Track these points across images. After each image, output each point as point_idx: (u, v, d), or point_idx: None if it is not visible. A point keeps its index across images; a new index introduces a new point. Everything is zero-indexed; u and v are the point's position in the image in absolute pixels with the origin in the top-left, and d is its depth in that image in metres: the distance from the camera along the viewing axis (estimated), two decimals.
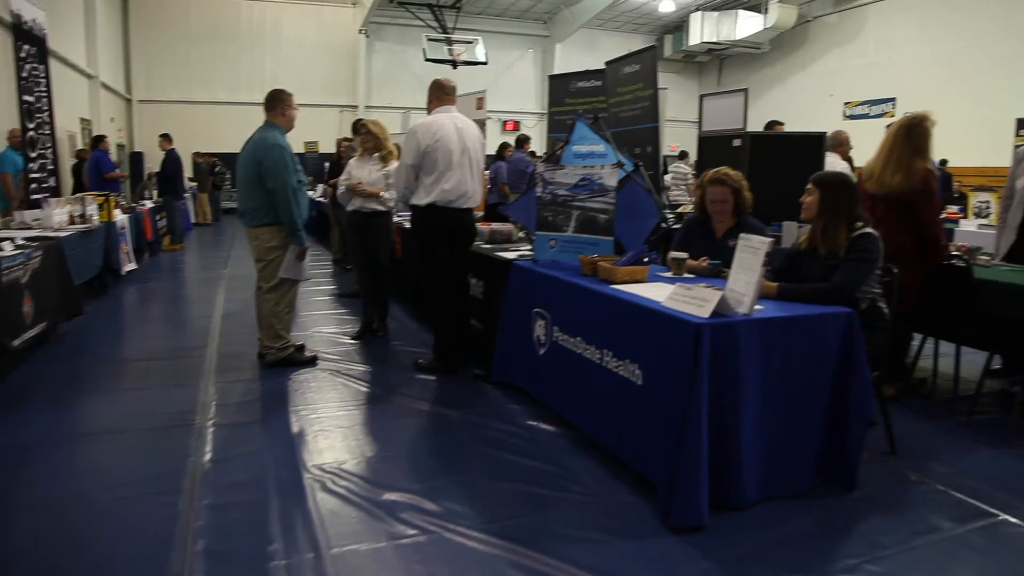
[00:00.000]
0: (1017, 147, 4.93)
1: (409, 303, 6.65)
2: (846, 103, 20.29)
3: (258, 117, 4.75)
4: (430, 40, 18.48)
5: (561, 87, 6.21)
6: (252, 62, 19.93)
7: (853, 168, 8.57)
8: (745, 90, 5.94)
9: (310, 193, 14.17)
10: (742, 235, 2.92)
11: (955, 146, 16.32)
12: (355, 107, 20.88)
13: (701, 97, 6.33)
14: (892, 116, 18.98)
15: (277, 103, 4.62)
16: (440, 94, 4.47)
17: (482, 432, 3.68)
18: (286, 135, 4.63)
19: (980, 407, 4.20)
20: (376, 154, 5.31)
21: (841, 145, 6.23)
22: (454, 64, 18.46)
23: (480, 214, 7.15)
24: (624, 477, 3.12)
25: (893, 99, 19.11)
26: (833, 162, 6.05)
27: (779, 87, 22.51)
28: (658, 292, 3.13)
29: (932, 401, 4.36)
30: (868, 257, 3.20)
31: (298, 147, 18.61)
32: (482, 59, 18.81)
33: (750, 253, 2.85)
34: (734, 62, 24.06)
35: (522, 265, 4.13)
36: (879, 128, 17.31)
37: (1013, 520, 2.86)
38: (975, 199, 8.38)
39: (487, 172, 8.92)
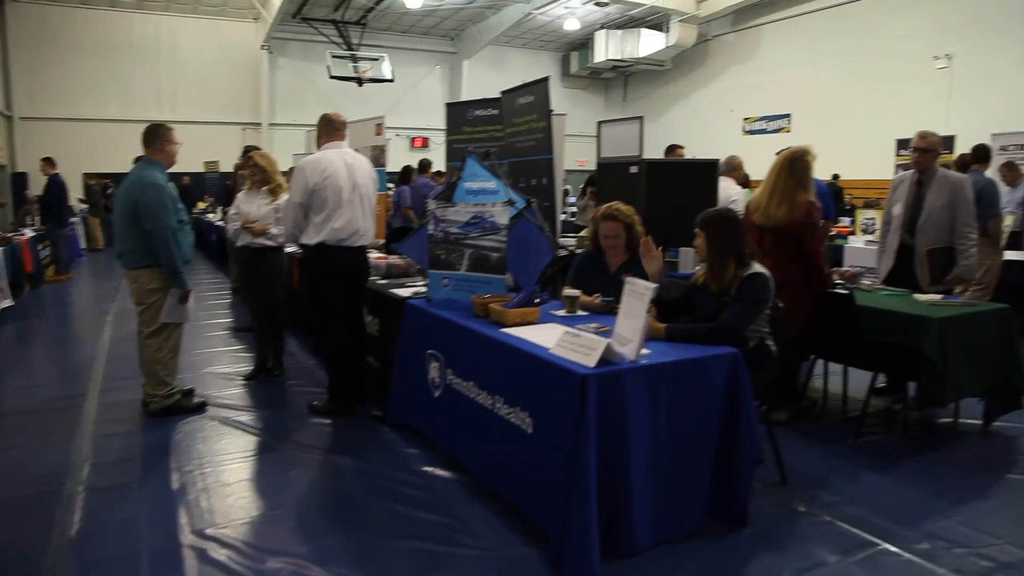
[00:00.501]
0: (899, 171, 5.14)
1: (307, 337, 6.44)
2: (745, 119, 21.05)
3: None
4: (335, 57, 18.20)
5: (459, 115, 6.16)
6: (147, 78, 19.10)
7: (749, 184, 8.87)
8: (640, 118, 6.02)
9: (210, 216, 13.70)
10: (628, 280, 2.92)
11: (846, 160, 17.17)
12: (259, 125, 20.32)
13: (599, 124, 6.38)
14: (788, 131, 19.84)
15: (155, 138, 4.38)
16: (329, 129, 4.34)
17: (376, 482, 3.56)
18: (166, 171, 4.40)
19: (867, 427, 4.34)
20: (265, 187, 5.12)
21: (735, 170, 6.39)
22: (359, 81, 18.24)
23: (380, 241, 7.02)
24: (519, 527, 3.05)
25: (788, 115, 19.93)
26: (727, 186, 6.20)
27: (682, 103, 23.16)
28: (549, 335, 3.09)
29: (822, 424, 4.48)
30: (757, 298, 3.25)
31: (198, 167, 18.11)
32: (388, 76, 18.65)
33: (635, 298, 2.84)
34: (639, 79, 24.63)
35: (415, 304, 4.03)
36: (777, 142, 18.04)
37: (892, 549, 2.94)
38: (862, 216, 8.76)
39: (391, 196, 8.79)
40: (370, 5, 18.91)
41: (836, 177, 15.19)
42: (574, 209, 11.61)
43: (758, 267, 3.32)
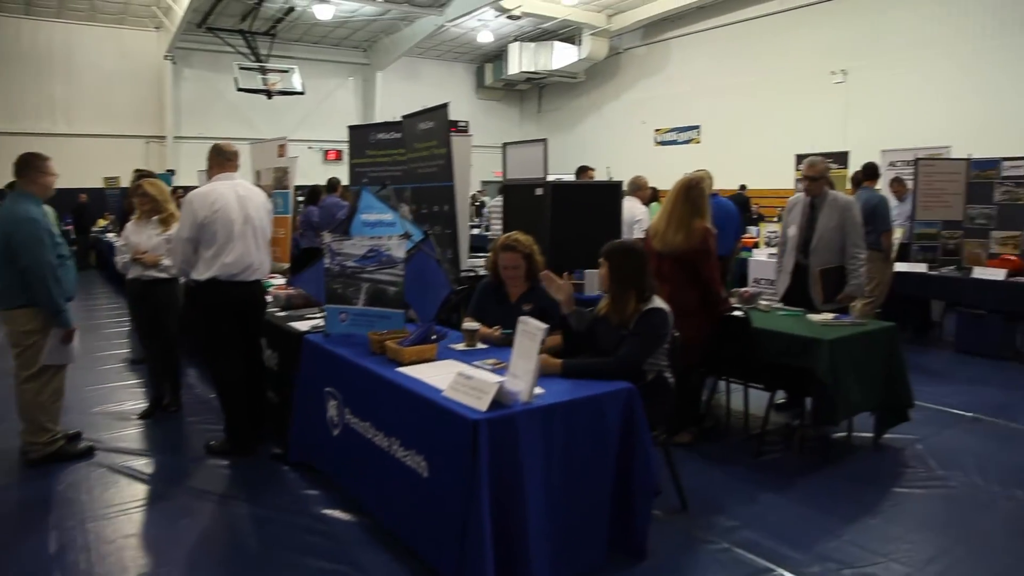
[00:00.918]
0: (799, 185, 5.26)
1: (207, 368, 6.17)
2: (656, 129, 21.54)
3: (47, 147, 4.25)
4: (242, 68, 17.72)
5: (361, 138, 6.05)
6: (39, 88, 18.14)
7: (658, 197, 9.04)
8: (544, 140, 6.05)
9: (110, 236, 13.06)
10: (520, 319, 2.90)
11: (752, 170, 17.78)
12: (163, 138, 19.59)
13: (504, 145, 6.39)
14: (698, 142, 20.40)
15: (29, 169, 4.11)
16: (220, 160, 4.18)
17: (273, 529, 3.43)
18: (43, 203, 4.15)
19: (767, 445, 4.46)
20: (155, 217, 4.89)
21: (639, 190, 6.49)
22: (269, 94, 17.82)
23: (284, 265, 6.83)
24: (419, 571, 2.99)
25: (698, 126, 20.50)
26: (632, 206, 6.29)
27: (595, 114, 23.53)
28: (446, 373, 3.04)
29: (724, 444, 4.58)
30: (655, 332, 3.29)
31: (97, 182, 17.27)
32: (299, 88, 18.28)
33: (528, 338, 2.82)
34: (553, 90, 24.90)
35: (312, 340, 3.91)
36: (688, 153, 18.53)
37: (787, 575, 3.01)
38: (766, 229, 9.04)
39: (299, 216, 8.57)
40: (279, 15, 18.53)
41: (743, 187, 15.69)
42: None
43: (658, 302, 3.36)
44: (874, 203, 6.40)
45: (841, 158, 9.84)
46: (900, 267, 7.29)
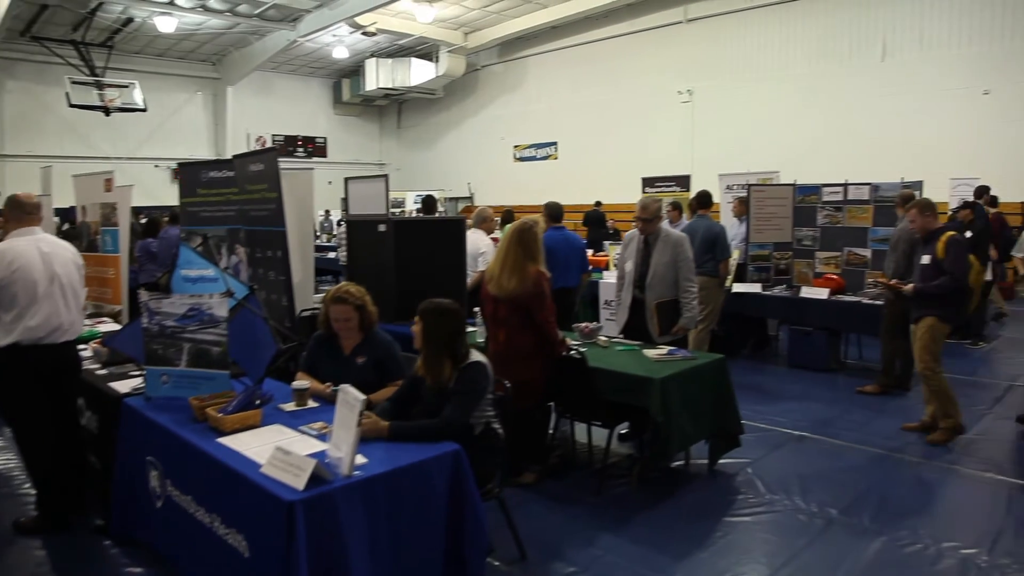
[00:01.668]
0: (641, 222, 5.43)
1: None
2: (515, 146, 21.90)
3: None
4: (75, 83, 16.52)
5: (192, 176, 5.75)
6: None
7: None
8: (386, 176, 5.98)
9: None
10: (341, 388, 2.82)
11: (608, 186, 18.41)
12: None
13: (346, 180, 6.27)
14: (555, 158, 20.89)
15: None
16: (19, 214, 3.83)
17: None
18: None
19: (609, 479, 4.59)
20: None
21: (485, 222, 6.54)
22: (107, 111, 16.70)
23: (118, 307, 6.41)
24: None
25: (555, 143, 21.01)
26: (477, 239, 6.33)
27: (455, 130, 23.64)
28: (270, 441, 2.92)
29: (569, 480, 4.66)
30: (476, 388, 3.29)
31: None
32: (140, 104, 17.25)
33: (347, 408, 2.75)
34: (412, 106, 24.81)
35: (132, 404, 3.66)
36: (546, 169, 18.95)
37: None
38: (615, 251, 9.34)
39: (137, 250, 8.06)
40: (116, 27, 17.41)
41: (599, 204, 16.18)
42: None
43: (476, 356, 3.37)
44: (715, 232, 6.75)
45: (684, 181, 10.36)
46: (738, 287, 7.73)
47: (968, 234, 7.99)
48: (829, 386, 6.86)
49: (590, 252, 12.38)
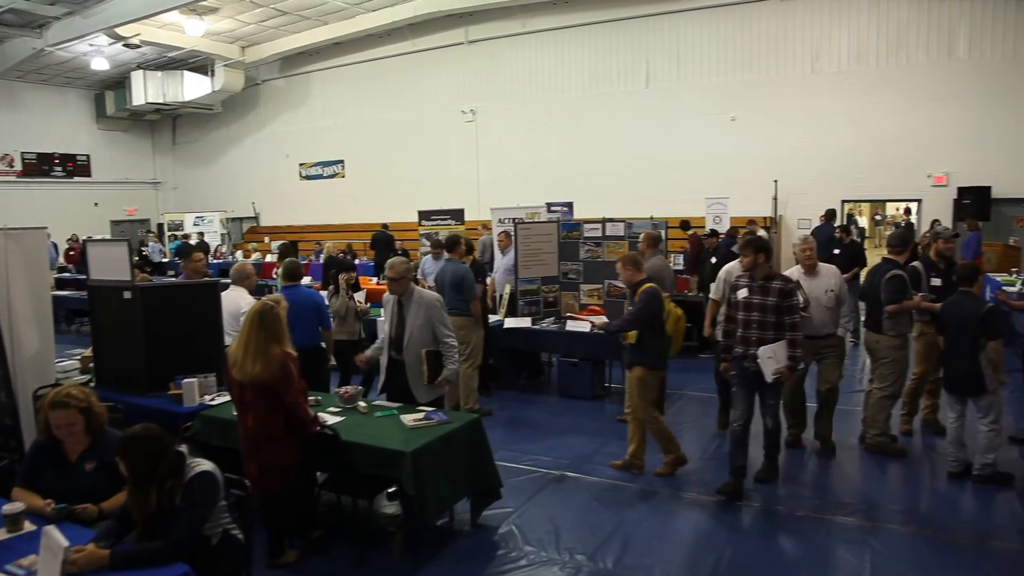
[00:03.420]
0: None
1: None
2: (301, 164, 21.29)
3: None
4: None
5: None
6: None
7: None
8: (128, 240, 5.58)
9: None
10: (43, 531, 2.58)
11: (398, 205, 18.35)
12: None
13: (84, 242, 5.76)
14: (343, 176, 20.57)
15: None
16: None
17: None
18: None
19: (372, 547, 4.58)
20: None
21: (246, 279, 6.25)
22: None
23: None
24: None
25: (342, 160, 20.67)
26: (237, 296, 6.05)
27: (236, 147, 22.56)
28: None
29: (333, 554, 4.58)
30: (204, 501, 3.14)
31: None
32: None
33: (50, 554, 2.53)
34: (188, 121, 23.34)
35: None
36: (333, 187, 18.65)
37: None
38: None
39: None
40: None
41: (386, 227, 16.08)
42: None
43: (202, 465, 3.20)
44: (461, 275, 6.88)
45: (458, 215, 10.58)
46: (510, 322, 8.02)
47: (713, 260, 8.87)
48: (595, 415, 7.30)
49: (374, 280, 12.33)
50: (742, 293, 5.14)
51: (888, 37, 14.74)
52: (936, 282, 6.15)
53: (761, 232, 15.70)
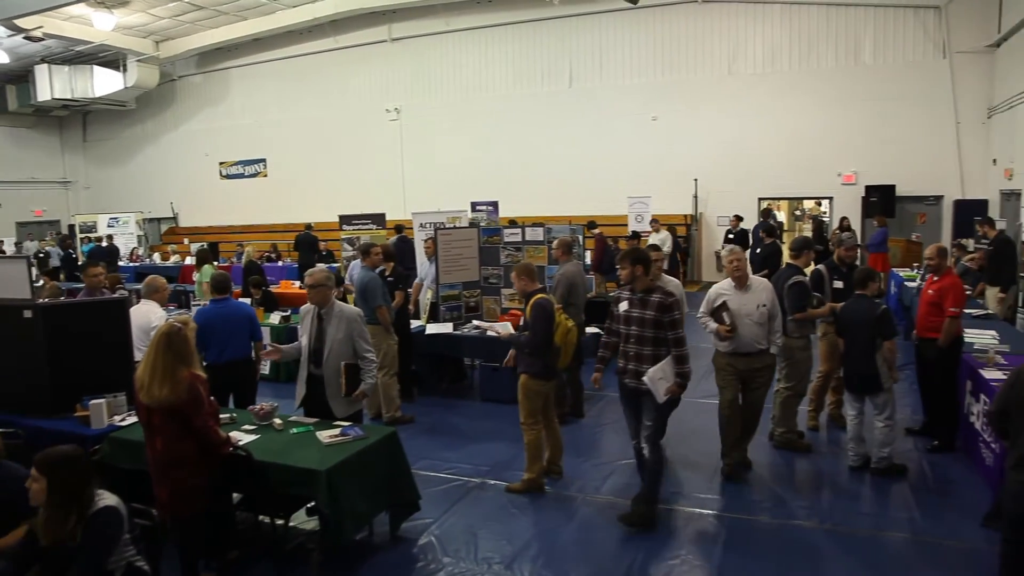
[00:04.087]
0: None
1: None
2: (221, 162, 20.75)
3: None
4: None
5: None
6: None
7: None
8: (27, 258, 5.37)
9: None
10: None
11: (324, 204, 18.08)
12: None
13: None
14: (265, 176, 20.16)
15: None
16: None
17: None
18: None
19: (291, 567, 4.55)
20: None
21: (157, 292, 6.10)
22: None
23: None
24: None
25: (264, 159, 20.25)
26: (149, 311, 5.91)
27: (153, 144, 21.84)
28: None
29: (250, 574, 4.54)
30: (107, 538, 3.08)
31: None
32: None
33: None
34: (100, 117, 22.45)
35: None
36: (256, 187, 18.26)
37: None
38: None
39: None
40: None
41: (309, 227, 15.82)
42: None
43: (105, 499, 3.14)
44: (364, 283, 6.87)
45: (379, 219, 10.52)
46: (431, 328, 8.03)
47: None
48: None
49: (296, 284, 12.15)
50: (623, 306, 4.97)
51: (800, 42, 15.31)
52: (839, 284, 6.44)
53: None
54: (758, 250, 9.91)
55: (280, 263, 16.33)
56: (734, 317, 5.45)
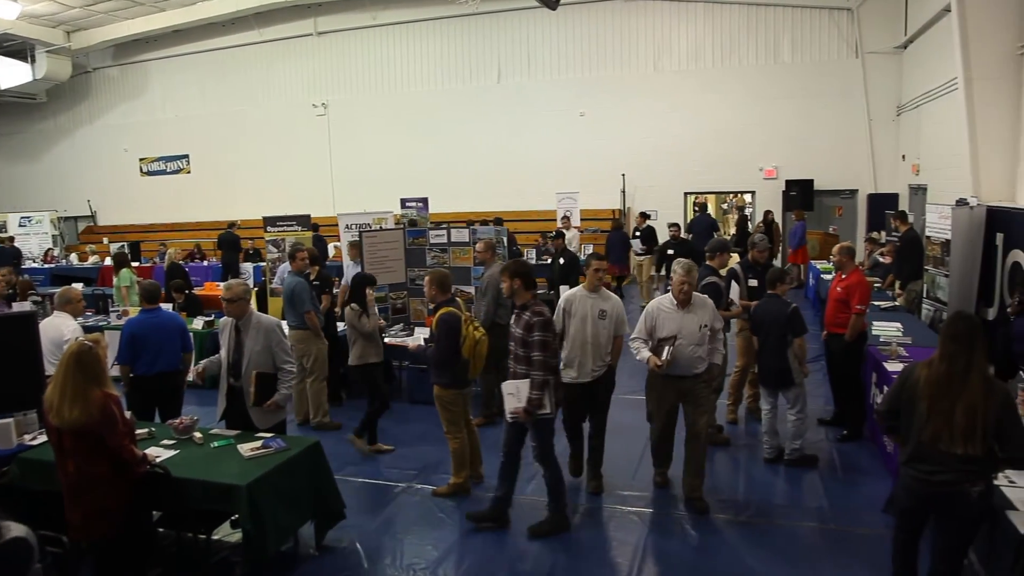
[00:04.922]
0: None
1: None
2: (142, 159, 20.10)
3: None
4: None
5: None
6: None
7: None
8: None
9: None
10: None
11: (250, 202, 17.70)
12: None
13: None
14: (188, 172, 19.61)
15: None
16: None
17: None
18: None
19: None
20: None
21: (70, 303, 5.93)
22: None
23: None
24: None
25: (187, 155, 19.70)
26: (61, 323, 5.75)
27: (67, 140, 20.98)
28: None
29: None
30: (18, 568, 2.99)
31: None
32: None
33: None
34: (8, 111, 21.39)
35: None
36: (178, 184, 17.76)
37: None
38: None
39: None
40: None
41: (233, 224, 15.41)
42: None
43: (8, 531, 3.05)
44: (291, 287, 6.83)
45: (304, 220, 10.35)
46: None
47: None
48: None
49: (221, 285, 11.86)
50: (513, 320, 4.94)
51: (722, 40, 15.70)
52: (753, 282, 6.69)
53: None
54: (669, 251, 10.24)
55: (205, 262, 15.92)
56: (674, 354, 5.04)
